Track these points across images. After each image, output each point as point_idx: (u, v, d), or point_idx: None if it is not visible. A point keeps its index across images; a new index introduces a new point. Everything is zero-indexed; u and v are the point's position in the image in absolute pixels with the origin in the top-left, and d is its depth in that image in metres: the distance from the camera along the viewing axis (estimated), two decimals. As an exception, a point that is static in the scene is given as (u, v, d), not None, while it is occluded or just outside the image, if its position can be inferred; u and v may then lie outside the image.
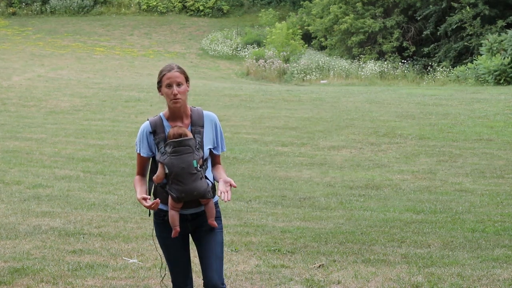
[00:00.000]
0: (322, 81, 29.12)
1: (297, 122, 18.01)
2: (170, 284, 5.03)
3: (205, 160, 4.74)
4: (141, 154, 4.79)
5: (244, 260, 7.38)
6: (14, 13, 44.27)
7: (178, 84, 4.68)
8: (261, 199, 10.84)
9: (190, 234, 4.92)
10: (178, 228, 4.73)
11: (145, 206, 4.58)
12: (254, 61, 32.05)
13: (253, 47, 35.40)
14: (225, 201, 4.63)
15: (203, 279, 4.88)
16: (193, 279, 5.05)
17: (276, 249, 7.83)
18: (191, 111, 4.79)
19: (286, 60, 32.18)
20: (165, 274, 5.21)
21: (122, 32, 40.81)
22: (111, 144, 15.78)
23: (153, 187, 4.83)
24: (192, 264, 5.06)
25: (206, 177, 4.73)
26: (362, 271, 7.03)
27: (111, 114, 19.74)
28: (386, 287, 6.55)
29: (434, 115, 18.37)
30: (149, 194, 4.82)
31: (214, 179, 4.87)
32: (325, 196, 11.07)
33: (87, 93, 22.84)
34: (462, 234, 8.56)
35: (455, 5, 31.30)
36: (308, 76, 29.68)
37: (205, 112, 4.83)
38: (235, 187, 4.67)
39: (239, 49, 36.02)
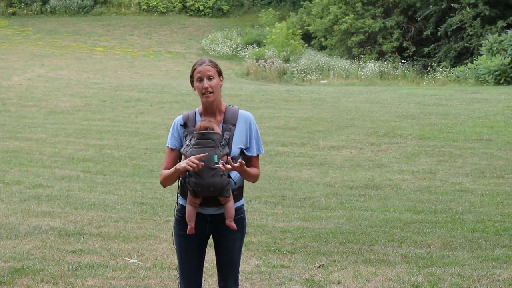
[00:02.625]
0: (322, 81, 29.12)
1: (297, 122, 18.01)
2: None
3: (232, 159, 4.59)
4: (170, 146, 4.68)
5: (244, 260, 7.37)
6: (14, 13, 44.26)
7: (209, 78, 4.61)
8: (261, 199, 10.84)
9: (209, 237, 4.79)
10: (193, 225, 4.60)
11: (191, 163, 4.40)
12: (254, 61, 32.04)
13: (253, 47, 35.39)
14: (223, 169, 4.47)
15: (218, 282, 4.84)
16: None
17: (276, 249, 7.83)
18: (226, 108, 4.70)
19: (286, 60, 32.18)
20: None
21: (122, 32, 40.81)
22: (111, 144, 15.78)
23: (180, 183, 4.70)
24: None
25: (229, 176, 4.59)
26: (362, 271, 7.03)
27: (111, 114, 19.74)
28: (386, 287, 6.55)
29: (434, 115, 18.37)
30: (177, 190, 4.75)
31: (245, 178, 4.73)
32: (325, 196, 11.07)
33: (87, 93, 22.84)
34: (462, 234, 8.57)
35: (455, 5, 31.29)
36: (308, 76, 29.68)
37: (240, 111, 4.71)
38: (235, 165, 4.50)
39: (239, 49, 36.01)
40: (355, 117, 18.46)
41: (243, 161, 4.56)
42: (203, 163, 4.46)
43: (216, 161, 4.50)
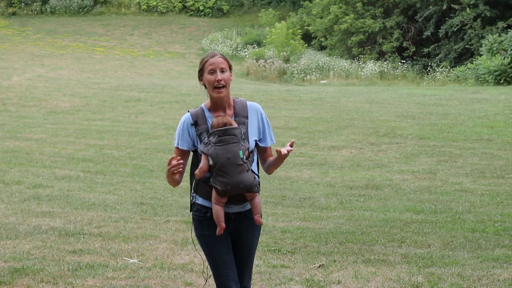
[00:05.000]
0: (322, 81, 29.12)
1: (297, 122, 18.01)
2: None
3: (250, 153, 4.47)
4: (180, 147, 4.48)
5: (244, 260, 7.37)
6: (14, 13, 44.25)
7: (222, 70, 4.45)
8: (261, 199, 10.82)
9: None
10: (223, 225, 4.43)
11: (169, 165, 4.31)
12: (254, 61, 32.04)
13: (253, 47, 35.38)
14: (287, 152, 4.40)
15: None
16: (194, 279, 4.92)
17: (276, 249, 7.83)
18: (233, 101, 4.55)
19: (286, 60, 32.18)
20: (210, 276, 4.81)
21: (122, 32, 40.80)
22: (111, 144, 15.78)
23: (194, 182, 4.52)
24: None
25: (252, 171, 4.44)
26: (362, 271, 7.03)
27: (111, 114, 19.74)
28: (386, 287, 6.55)
29: (434, 115, 18.37)
30: (191, 190, 4.56)
31: (266, 169, 4.64)
32: (325, 196, 11.07)
33: (87, 93, 22.83)
34: (462, 234, 8.57)
35: (456, 6, 31.25)
36: (308, 76, 29.68)
37: (248, 103, 4.59)
38: (288, 152, 4.44)
39: (239, 49, 36.01)
40: (355, 117, 18.45)
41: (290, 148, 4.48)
42: (182, 161, 4.37)
43: (242, 156, 4.38)
